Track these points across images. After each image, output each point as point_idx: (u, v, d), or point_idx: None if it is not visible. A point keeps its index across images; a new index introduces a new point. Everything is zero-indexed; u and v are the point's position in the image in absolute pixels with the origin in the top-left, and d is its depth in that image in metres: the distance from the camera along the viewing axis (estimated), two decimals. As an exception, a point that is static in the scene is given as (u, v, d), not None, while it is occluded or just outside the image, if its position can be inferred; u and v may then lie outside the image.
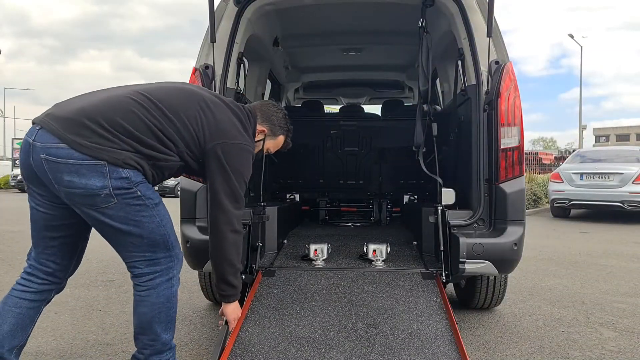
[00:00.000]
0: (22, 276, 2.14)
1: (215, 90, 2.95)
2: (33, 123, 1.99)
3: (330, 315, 2.42)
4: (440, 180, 3.09)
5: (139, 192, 1.98)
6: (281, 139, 2.54)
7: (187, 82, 2.34)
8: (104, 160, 1.89)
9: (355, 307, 2.49)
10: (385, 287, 2.70)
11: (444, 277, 2.77)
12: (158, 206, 2.07)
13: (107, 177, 1.89)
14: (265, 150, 2.52)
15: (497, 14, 2.93)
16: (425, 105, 3.42)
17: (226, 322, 2.33)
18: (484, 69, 2.96)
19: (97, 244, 2.55)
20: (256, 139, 2.41)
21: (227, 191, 2.16)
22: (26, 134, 1.97)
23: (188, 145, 2.11)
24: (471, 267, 2.70)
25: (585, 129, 38.76)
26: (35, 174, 1.93)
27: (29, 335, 2.12)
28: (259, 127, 2.42)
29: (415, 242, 3.56)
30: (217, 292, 2.39)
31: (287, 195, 4.83)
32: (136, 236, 2.01)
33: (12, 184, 25.05)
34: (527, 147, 57.44)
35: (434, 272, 2.83)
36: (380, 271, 2.90)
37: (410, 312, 2.45)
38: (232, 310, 2.31)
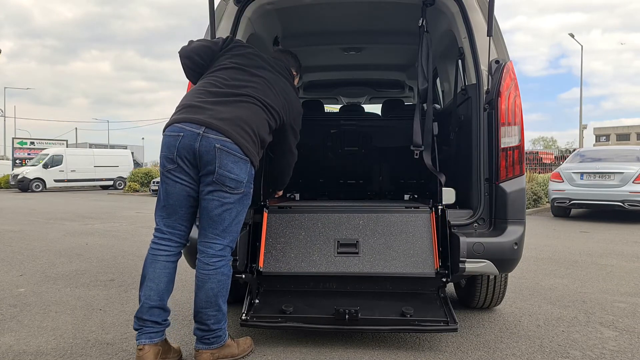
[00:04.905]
0: (159, 243, 2.53)
1: None
2: (188, 121, 2.42)
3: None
4: (443, 177, 3.08)
5: (251, 190, 2.56)
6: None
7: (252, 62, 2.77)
8: (250, 159, 2.49)
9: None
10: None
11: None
12: (247, 207, 2.57)
13: (247, 171, 2.49)
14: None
15: (497, 13, 2.94)
16: (424, 105, 3.42)
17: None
18: (484, 68, 2.96)
19: (97, 244, 2.54)
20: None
21: (294, 141, 3.06)
22: (186, 126, 2.42)
23: (283, 113, 2.76)
24: (471, 266, 2.70)
25: (586, 128, 38.66)
26: (196, 156, 2.40)
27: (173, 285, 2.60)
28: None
29: None
30: (276, 187, 3.49)
31: (288, 195, 4.83)
32: (232, 225, 2.49)
33: (12, 183, 24.84)
34: (528, 146, 57.45)
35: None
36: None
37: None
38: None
